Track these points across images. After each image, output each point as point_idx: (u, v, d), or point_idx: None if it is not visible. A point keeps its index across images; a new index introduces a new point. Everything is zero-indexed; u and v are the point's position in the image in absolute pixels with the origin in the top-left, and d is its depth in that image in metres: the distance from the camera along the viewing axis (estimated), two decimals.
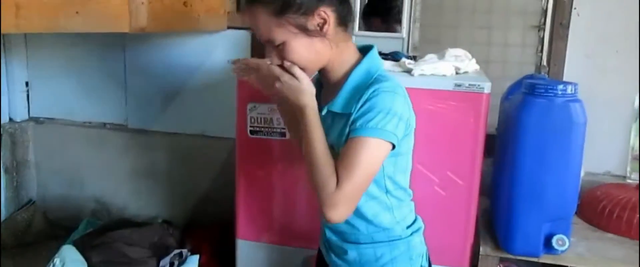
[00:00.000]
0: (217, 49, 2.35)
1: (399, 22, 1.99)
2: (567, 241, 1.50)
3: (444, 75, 1.52)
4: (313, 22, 1.10)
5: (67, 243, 2.04)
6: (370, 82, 1.13)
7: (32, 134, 2.66)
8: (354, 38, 1.92)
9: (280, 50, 1.12)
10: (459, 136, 1.49)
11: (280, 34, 1.10)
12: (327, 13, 1.11)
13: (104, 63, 2.51)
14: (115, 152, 2.57)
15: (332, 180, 1.06)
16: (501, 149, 1.58)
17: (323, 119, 1.15)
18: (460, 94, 1.46)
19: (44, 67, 2.61)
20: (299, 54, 1.11)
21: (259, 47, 2.24)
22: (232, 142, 1.53)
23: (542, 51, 2.08)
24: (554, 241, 1.49)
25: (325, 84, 1.23)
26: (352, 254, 1.26)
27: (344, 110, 1.13)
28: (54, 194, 2.68)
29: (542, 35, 2.08)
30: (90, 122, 2.61)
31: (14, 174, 2.61)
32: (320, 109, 1.14)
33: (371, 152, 1.07)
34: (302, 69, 1.12)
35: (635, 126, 1.99)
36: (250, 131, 1.63)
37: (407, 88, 1.44)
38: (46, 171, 2.68)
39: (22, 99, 2.63)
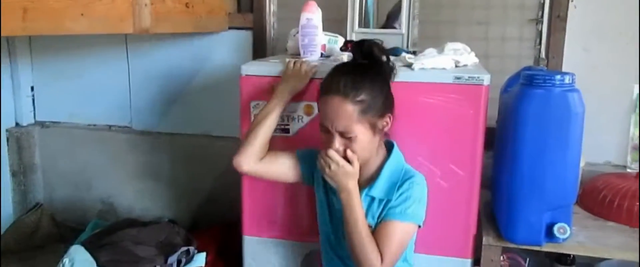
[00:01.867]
0: (219, 49, 2.38)
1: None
2: (568, 229, 1.51)
3: (444, 69, 1.54)
4: (381, 123, 1.32)
5: (76, 244, 2.05)
6: (402, 173, 1.37)
7: (38, 137, 2.69)
8: (354, 35, 1.96)
9: (348, 140, 1.29)
10: (459, 128, 1.50)
11: (357, 128, 1.28)
12: (390, 118, 1.34)
13: (108, 65, 2.54)
14: (121, 153, 2.59)
15: (377, 255, 1.27)
16: (501, 140, 1.59)
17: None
18: (460, 87, 1.48)
19: (48, 71, 2.64)
20: (363, 146, 1.31)
21: (260, 47, 2.28)
22: (236, 142, 1.55)
23: (540, 44, 2.09)
24: (555, 230, 1.50)
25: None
26: None
27: (385, 197, 1.35)
28: (61, 197, 2.71)
29: (540, 29, 2.09)
30: (95, 125, 2.64)
31: (21, 177, 2.64)
32: None
33: (407, 234, 1.34)
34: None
35: (634, 116, 2.00)
36: None
37: (407, 82, 1.48)
38: (52, 174, 2.71)
39: (27, 104, 2.66)
